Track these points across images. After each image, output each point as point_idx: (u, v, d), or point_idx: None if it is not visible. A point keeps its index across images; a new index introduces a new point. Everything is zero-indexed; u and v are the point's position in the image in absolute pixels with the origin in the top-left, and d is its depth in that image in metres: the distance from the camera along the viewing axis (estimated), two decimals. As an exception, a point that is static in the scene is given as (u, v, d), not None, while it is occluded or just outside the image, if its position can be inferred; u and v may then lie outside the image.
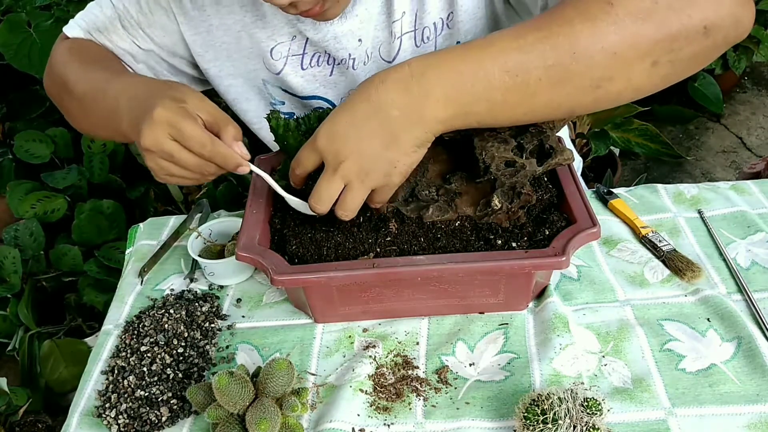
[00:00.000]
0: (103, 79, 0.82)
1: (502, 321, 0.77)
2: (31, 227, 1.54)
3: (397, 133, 0.64)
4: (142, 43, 0.92)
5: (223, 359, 0.77)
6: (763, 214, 0.90)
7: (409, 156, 0.66)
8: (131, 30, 0.91)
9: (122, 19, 0.91)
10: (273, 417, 0.64)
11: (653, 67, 0.62)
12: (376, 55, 0.89)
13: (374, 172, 0.66)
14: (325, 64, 0.92)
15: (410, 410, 0.69)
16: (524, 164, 0.72)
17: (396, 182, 0.68)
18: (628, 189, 0.97)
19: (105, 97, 0.79)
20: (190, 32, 0.91)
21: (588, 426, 0.60)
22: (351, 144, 0.65)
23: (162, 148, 0.67)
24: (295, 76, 0.93)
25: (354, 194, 0.67)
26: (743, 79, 2.72)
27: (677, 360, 0.71)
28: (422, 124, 0.64)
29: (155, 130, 0.66)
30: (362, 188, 0.67)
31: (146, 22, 0.91)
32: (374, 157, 0.65)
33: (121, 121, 0.75)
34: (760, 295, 0.78)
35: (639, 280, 0.81)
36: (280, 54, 0.91)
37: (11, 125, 1.77)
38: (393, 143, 0.64)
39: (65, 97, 0.89)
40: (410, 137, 0.64)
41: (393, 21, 0.86)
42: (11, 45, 1.58)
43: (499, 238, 0.73)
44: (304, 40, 0.89)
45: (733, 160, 2.39)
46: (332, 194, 0.68)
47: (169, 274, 0.91)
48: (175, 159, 0.67)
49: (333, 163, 0.66)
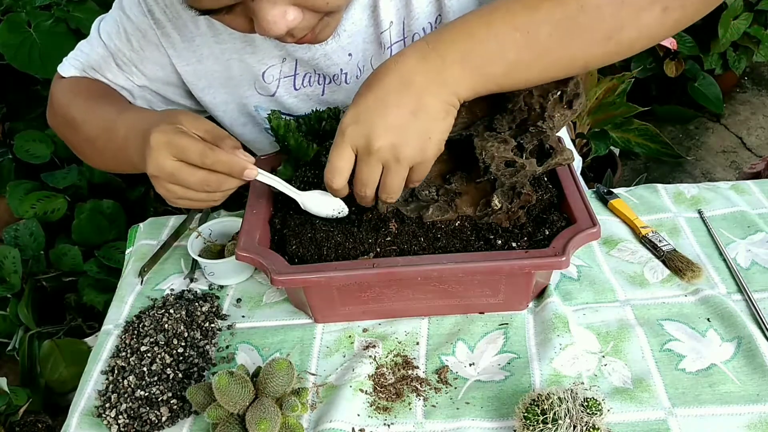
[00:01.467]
0: (109, 118, 0.84)
1: (502, 321, 0.77)
2: (31, 227, 1.54)
3: (424, 99, 0.63)
4: (136, 80, 0.94)
5: (223, 359, 0.77)
6: (763, 214, 0.90)
7: (440, 122, 0.65)
8: (125, 67, 0.93)
9: (116, 58, 0.92)
10: (273, 417, 0.64)
11: (664, 13, 0.62)
12: (368, 67, 0.89)
13: (408, 145, 0.64)
14: (316, 84, 0.92)
15: (410, 410, 0.69)
16: (524, 164, 0.72)
17: (432, 155, 0.66)
18: (628, 189, 0.97)
19: (115, 136, 0.81)
20: (182, 63, 0.91)
21: (588, 426, 0.60)
22: (379, 121, 0.63)
23: (164, 170, 0.67)
24: (290, 97, 0.93)
25: (393, 175, 0.66)
26: (743, 79, 2.72)
27: (677, 360, 0.71)
28: (445, 86, 0.64)
29: (155, 155, 0.67)
30: (400, 167, 0.65)
31: (138, 58, 0.92)
32: (406, 129, 0.63)
33: (132, 156, 0.76)
34: (760, 295, 0.78)
35: (639, 280, 0.81)
36: (272, 77, 0.91)
37: (11, 125, 1.77)
38: (421, 111, 0.63)
39: (73, 136, 0.92)
40: (437, 101, 0.64)
41: (381, 32, 0.85)
42: (11, 45, 1.58)
43: (499, 238, 0.73)
44: (294, 61, 0.90)
45: (733, 160, 2.39)
46: (374, 178, 0.66)
47: (169, 274, 0.91)
48: (177, 178, 0.68)
49: (365, 147, 0.64)
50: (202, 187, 0.69)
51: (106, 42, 0.92)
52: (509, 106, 0.73)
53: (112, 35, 0.92)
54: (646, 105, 2.03)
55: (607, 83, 1.91)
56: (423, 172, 0.68)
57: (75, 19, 1.61)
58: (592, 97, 1.90)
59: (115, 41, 0.91)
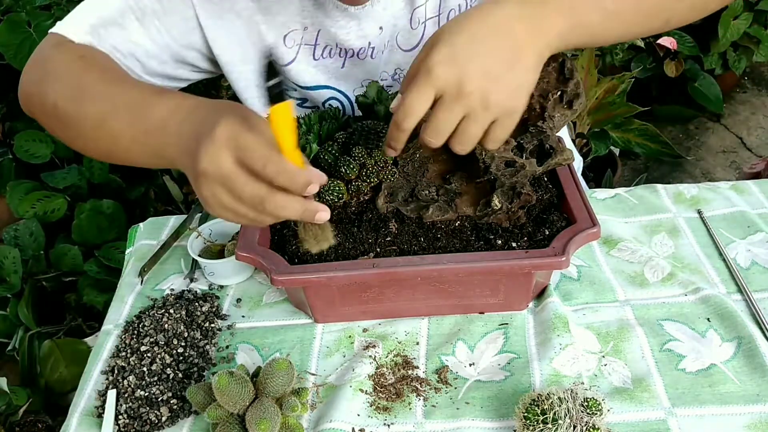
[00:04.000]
0: (140, 97, 0.73)
1: (502, 321, 0.77)
2: (31, 227, 1.54)
3: (521, 46, 0.62)
4: (157, 37, 0.85)
5: (223, 359, 0.77)
6: (763, 214, 0.90)
7: (532, 75, 0.63)
8: (145, 21, 0.83)
9: (135, 11, 0.83)
10: (273, 417, 0.64)
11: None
12: (393, 43, 0.89)
13: (499, 93, 0.60)
14: (337, 57, 0.91)
15: (410, 410, 0.69)
16: (524, 164, 0.72)
17: (520, 107, 0.63)
18: (628, 189, 0.97)
19: (145, 118, 0.70)
20: (205, 16, 0.86)
21: (588, 426, 0.60)
22: (475, 64, 0.59)
23: (220, 169, 0.58)
24: (307, 66, 0.91)
25: (476, 124, 0.61)
26: (743, 79, 2.72)
27: (677, 360, 0.71)
28: (543, 36, 0.63)
29: (214, 149, 0.58)
30: (486, 115, 0.61)
31: (162, 9, 0.84)
32: (499, 76, 0.60)
33: (165, 147, 0.67)
34: (760, 295, 0.78)
35: (639, 280, 0.81)
36: (293, 41, 0.89)
37: (11, 125, 1.77)
38: (518, 62, 0.61)
39: (71, 110, 0.77)
40: (533, 52, 0.63)
41: (416, 7, 0.86)
42: (11, 45, 1.58)
43: (499, 238, 0.73)
44: (317, 32, 0.88)
45: (733, 160, 2.39)
46: (451, 126, 0.61)
47: (169, 274, 0.91)
48: (230, 183, 0.58)
49: (453, 90, 0.59)
50: (253, 202, 0.59)
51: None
52: (509, 106, 0.73)
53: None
54: (646, 105, 2.03)
55: (607, 83, 1.91)
56: (509, 126, 0.63)
57: (75, 19, 1.61)
58: (592, 97, 1.90)
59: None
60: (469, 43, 0.60)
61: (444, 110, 0.60)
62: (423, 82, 0.60)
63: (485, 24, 0.61)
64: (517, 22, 0.61)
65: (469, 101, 0.60)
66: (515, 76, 0.61)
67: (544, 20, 0.62)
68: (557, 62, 0.73)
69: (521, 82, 0.62)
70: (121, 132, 0.72)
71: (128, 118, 0.72)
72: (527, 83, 0.63)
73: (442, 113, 0.61)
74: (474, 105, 0.60)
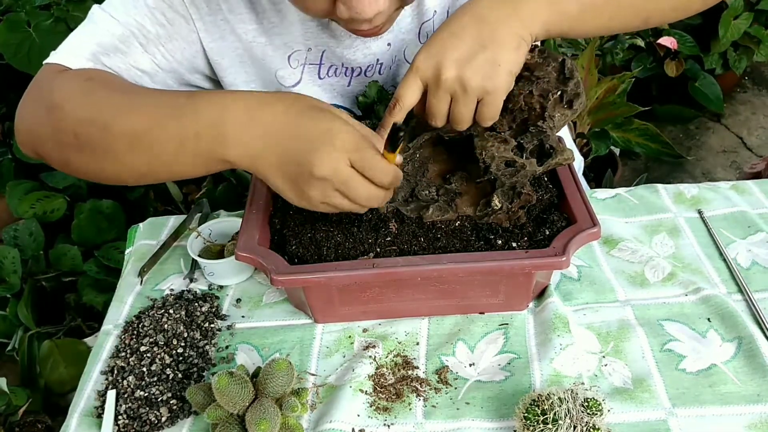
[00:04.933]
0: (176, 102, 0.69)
1: (502, 321, 0.77)
2: (30, 227, 1.54)
3: (495, 29, 0.66)
4: (162, 62, 0.83)
5: (223, 359, 0.77)
6: (763, 214, 0.89)
7: (510, 52, 0.66)
8: (149, 47, 0.81)
9: (138, 37, 0.80)
10: (273, 417, 0.64)
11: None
12: (401, 58, 0.89)
13: (476, 76, 0.65)
14: (343, 75, 0.91)
15: (410, 410, 0.69)
16: (524, 164, 0.72)
17: (502, 84, 0.67)
18: (628, 189, 0.97)
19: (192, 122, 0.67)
20: (208, 38, 0.85)
21: (588, 426, 0.60)
22: (449, 53, 0.66)
23: (340, 175, 0.63)
24: (313, 86, 0.91)
25: (460, 105, 0.67)
26: (744, 79, 2.71)
27: (677, 360, 0.71)
28: (519, 20, 0.66)
29: (337, 156, 0.63)
30: (467, 96, 0.66)
31: (166, 35, 0.82)
32: (473, 59, 0.65)
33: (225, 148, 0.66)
34: (761, 295, 0.78)
35: (639, 280, 0.81)
36: (297, 61, 0.88)
37: (11, 125, 1.77)
38: (491, 40, 0.66)
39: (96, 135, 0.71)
40: (508, 31, 0.66)
41: (423, 22, 0.86)
42: (11, 45, 1.58)
43: (499, 238, 0.73)
44: (320, 52, 0.88)
45: (733, 160, 2.39)
46: (443, 110, 0.68)
47: (169, 274, 0.91)
48: (348, 187, 0.64)
49: (434, 79, 0.66)
50: (368, 201, 0.67)
51: (123, 20, 0.79)
52: (509, 105, 0.73)
53: (130, 12, 0.80)
54: (646, 105, 2.03)
55: (608, 83, 1.91)
56: (494, 104, 0.68)
57: (75, 18, 1.61)
58: (592, 97, 1.90)
59: (135, 17, 0.80)
60: (447, 35, 0.66)
61: (432, 97, 0.68)
62: (409, 74, 0.68)
63: (463, 17, 0.67)
64: (492, 11, 0.67)
65: (449, 86, 0.66)
66: (489, 57, 0.66)
67: (520, 7, 0.67)
68: (557, 62, 0.73)
69: (496, 59, 0.66)
70: (165, 141, 0.68)
71: (170, 124, 0.68)
72: (506, 60, 0.66)
73: (432, 100, 0.68)
74: (454, 89, 0.66)
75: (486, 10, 0.67)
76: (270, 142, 0.65)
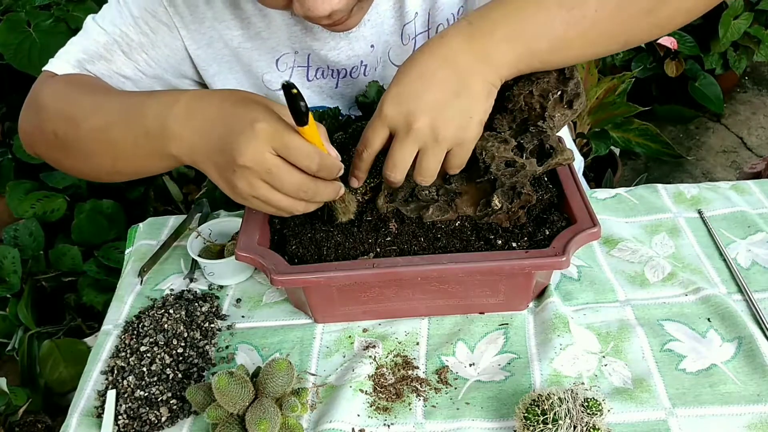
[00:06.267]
0: (130, 102, 0.73)
1: (502, 321, 0.77)
2: (30, 227, 1.54)
3: (467, 78, 0.63)
4: (146, 69, 0.86)
5: (223, 359, 0.77)
6: (763, 214, 0.89)
7: (482, 103, 0.64)
8: (133, 55, 0.85)
9: (121, 45, 0.84)
10: (273, 417, 0.64)
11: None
12: (386, 59, 0.89)
13: (449, 126, 0.63)
14: (330, 77, 0.91)
15: (410, 410, 0.69)
16: (524, 164, 0.72)
17: (473, 136, 0.65)
18: (628, 189, 0.97)
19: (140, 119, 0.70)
20: (194, 46, 0.86)
21: (588, 426, 0.60)
22: (421, 101, 0.62)
23: (263, 164, 0.61)
24: (302, 88, 0.89)
25: (430, 156, 0.65)
26: (744, 79, 2.72)
27: (677, 360, 0.71)
28: (490, 66, 0.64)
29: (258, 145, 0.61)
30: (438, 147, 0.64)
31: (149, 43, 0.85)
32: (447, 109, 0.63)
33: (168, 142, 0.68)
34: (761, 296, 0.78)
35: (639, 280, 0.81)
36: (286, 64, 0.89)
37: (11, 125, 1.77)
38: (464, 90, 0.63)
39: (71, 133, 0.77)
40: (480, 81, 0.64)
41: (405, 23, 0.85)
42: (11, 45, 1.58)
43: (499, 238, 0.73)
44: (307, 55, 0.88)
45: (733, 160, 2.39)
46: (407, 160, 0.65)
47: (169, 274, 0.91)
48: (274, 176, 0.62)
49: (404, 126, 0.63)
50: (297, 192, 0.64)
51: (109, 29, 0.84)
52: (509, 106, 0.73)
53: (116, 21, 0.84)
54: (646, 105, 2.03)
55: (608, 83, 1.91)
56: (462, 155, 0.67)
57: (75, 18, 1.61)
58: (592, 97, 1.90)
59: (120, 26, 0.83)
60: (416, 80, 0.63)
61: (398, 146, 0.65)
62: (376, 119, 0.65)
63: (432, 60, 0.63)
64: (462, 55, 0.63)
65: (420, 136, 0.63)
66: (463, 107, 0.63)
67: (491, 50, 0.63)
68: (557, 62, 0.73)
69: (469, 111, 0.64)
70: (123, 139, 0.72)
71: (125, 123, 0.72)
72: (477, 112, 0.64)
73: (397, 149, 0.65)
74: (425, 139, 0.64)
75: (456, 54, 0.63)
76: (203, 134, 0.66)
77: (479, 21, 0.64)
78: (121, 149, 0.73)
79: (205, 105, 0.67)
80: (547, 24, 0.63)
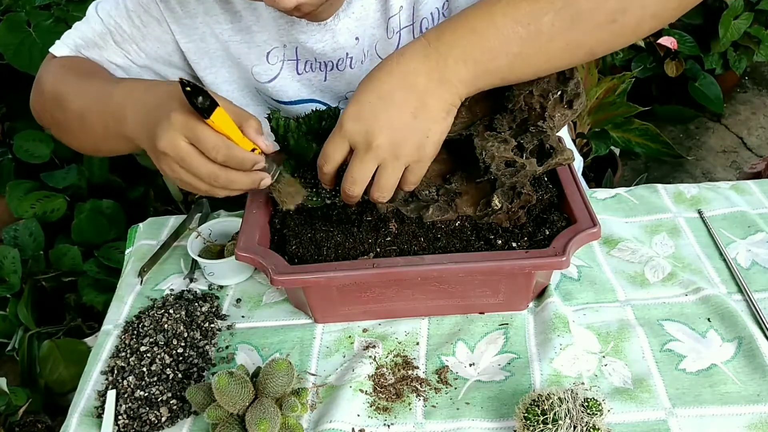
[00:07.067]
0: (103, 88, 0.80)
1: (502, 321, 0.77)
2: (30, 227, 1.54)
3: (425, 99, 0.65)
4: (136, 59, 0.91)
5: (223, 359, 0.77)
6: (763, 214, 0.89)
7: (440, 123, 0.66)
8: (124, 45, 0.90)
9: (114, 35, 0.89)
10: (273, 417, 0.64)
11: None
12: (372, 53, 0.89)
13: (407, 144, 0.65)
14: (318, 70, 0.92)
15: (410, 410, 0.69)
16: (524, 164, 0.72)
17: (430, 155, 0.68)
18: (628, 189, 0.97)
19: (108, 104, 0.77)
20: (185, 40, 0.90)
21: (588, 426, 0.60)
22: (380, 119, 0.65)
23: (176, 150, 0.66)
24: (291, 81, 0.92)
25: (389, 173, 0.67)
26: (744, 79, 2.71)
27: (678, 360, 0.71)
28: (447, 86, 0.65)
29: (171, 133, 0.66)
30: (397, 164, 0.67)
31: (140, 35, 0.89)
32: (405, 128, 0.65)
33: (125, 126, 0.74)
34: (761, 295, 0.78)
35: (639, 280, 0.81)
36: (276, 58, 0.90)
37: (11, 125, 1.77)
38: (422, 110, 0.65)
39: (60, 115, 0.87)
40: (438, 102, 0.65)
41: (390, 17, 0.86)
42: (11, 45, 1.58)
43: (499, 238, 0.73)
44: (294, 48, 0.89)
45: (733, 160, 2.39)
46: (366, 176, 0.68)
47: (169, 274, 0.91)
48: (187, 163, 0.67)
49: (363, 143, 0.66)
50: (210, 180, 0.68)
51: (104, 19, 0.89)
52: (509, 106, 0.73)
53: (111, 12, 0.89)
54: (646, 105, 2.03)
55: (608, 83, 1.91)
56: (419, 173, 0.69)
57: (75, 18, 1.60)
58: (592, 97, 1.90)
59: (115, 18, 0.89)
60: (375, 99, 0.65)
61: (358, 162, 0.67)
62: (336, 134, 0.67)
63: (390, 79, 0.65)
64: (419, 76, 0.65)
65: (380, 153, 0.66)
66: (420, 125, 0.65)
67: (447, 71, 0.64)
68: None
69: (427, 130, 0.66)
70: (97, 122, 0.80)
71: (97, 107, 0.80)
72: (435, 131, 0.66)
73: (357, 165, 0.67)
74: (384, 156, 0.66)
75: (414, 75, 0.65)
76: (141, 120, 0.71)
77: (435, 42, 0.65)
78: (97, 131, 0.81)
79: (150, 95, 0.72)
80: (503, 42, 0.63)
